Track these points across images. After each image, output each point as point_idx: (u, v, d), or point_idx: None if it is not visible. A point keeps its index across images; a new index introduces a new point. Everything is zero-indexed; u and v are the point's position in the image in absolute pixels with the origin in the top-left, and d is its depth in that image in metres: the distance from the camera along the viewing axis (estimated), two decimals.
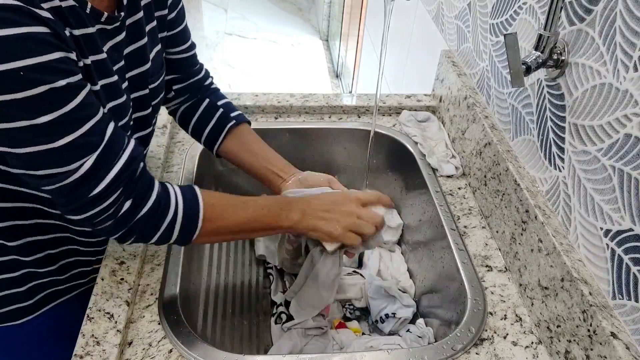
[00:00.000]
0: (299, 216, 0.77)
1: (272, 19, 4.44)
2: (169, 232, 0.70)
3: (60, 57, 0.55)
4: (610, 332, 0.63)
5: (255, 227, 0.76)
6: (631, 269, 0.64)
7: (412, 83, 1.64)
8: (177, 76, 0.91)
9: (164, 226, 0.69)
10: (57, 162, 0.59)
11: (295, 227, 0.78)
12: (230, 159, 0.94)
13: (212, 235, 0.74)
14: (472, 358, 0.75)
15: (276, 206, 0.77)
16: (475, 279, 0.86)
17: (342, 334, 0.97)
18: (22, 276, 0.80)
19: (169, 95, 0.93)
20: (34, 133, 0.56)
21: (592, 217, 0.72)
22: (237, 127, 0.93)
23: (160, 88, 0.84)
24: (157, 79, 0.82)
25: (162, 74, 0.83)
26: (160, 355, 0.73)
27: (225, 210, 0.74)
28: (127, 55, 0.73)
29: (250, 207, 0.76)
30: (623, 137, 0.65)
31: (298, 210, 0.77)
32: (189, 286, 0.88)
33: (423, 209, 1.07)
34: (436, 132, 1.19)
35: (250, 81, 3.50)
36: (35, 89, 0.54)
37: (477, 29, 1.08)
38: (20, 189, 0.72)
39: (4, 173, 0.69)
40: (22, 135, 0.56)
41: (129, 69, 0.74)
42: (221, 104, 0.94)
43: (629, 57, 0.64)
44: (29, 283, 0.81)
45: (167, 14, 0.82)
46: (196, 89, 0.94)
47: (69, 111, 0.57)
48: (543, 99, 0.83)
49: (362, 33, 2.78)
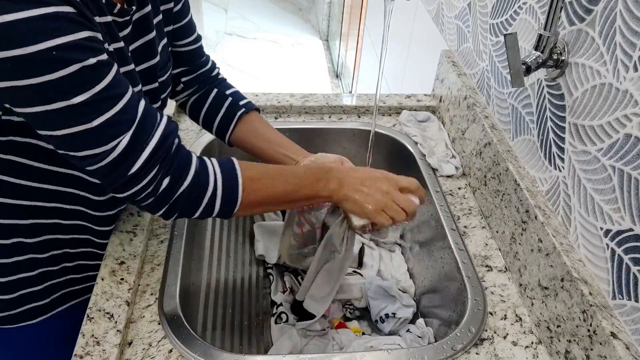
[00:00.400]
0: (337, 185, 0.76)
1: (272, 19, 4.44)
2: (210, 206, 0.70)
3: (88, 35, 0.56)
4: (610, 332, 0.63)
5: (294, 197, 0.76)
6: (631, 269, 0.64)
7: (412, 83, 1.64)
8: (185, 68, 0.92)
9: (205, 201, 0.69)
10: (95, 142, 0.60)
11: (332, 196, 0.77)
12: (242, 146, 0.94)
13: (253, 207, 0.75)
14: (472, 358, 0.75)
15: (313, 176, 0.77)
16: (475, 279, 0.86)
17: (342, 334, 0.97)
18: (38, 275, 0.81)
19: (177, 88, 0.94)
20: (71, 114, 0.57)
21: (592, 217, 0.71)
22: (247, 114, 0.93)
23: (168, 81, 0.85)
24: (166, 72, 0.83)
25: (169, 67, 0.84)
26: (160, 355, 0.73)
27: (264, 182, 0.74)
28: (134, 50, 0.73)
29: (288, 178, 0.76)
30: (623, 137, 0.65)
31: (336, 179, 0.77)
32: (189, 286, 0.88)
33: (423, 209, 1.07)
34: (436, 132, 1.19)
35: (250, 81, 3.50)
36: (67, 68, 0.54)
37: (477, 29, 1.08)
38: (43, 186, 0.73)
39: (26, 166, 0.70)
40: (59, 117, 0.57)
41: (137, 63, 0.75)
42: (229, 93, 0.95)
43: (629, 57, 0.64)
44: (45, 282, 0.82)
45: (172, 7, 0.82)
46: (204, 80, 0.95)
47: (102, 89, 0.58)
48: (543, 99, 0.83)
49: (362, 33, 2.78)
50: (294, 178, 0.76)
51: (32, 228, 0.76)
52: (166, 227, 0.92)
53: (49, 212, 0.76)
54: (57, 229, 0.79)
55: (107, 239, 0.86)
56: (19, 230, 0.75)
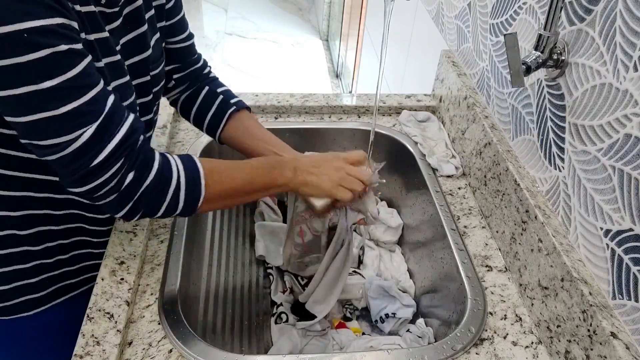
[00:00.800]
0: (292, 173, 0.79)
1: (272, 19, 4.44)
2: (174, 201, 0.70)
3: (62, 22, 0.56)
4: (610, 332, 0.63)
5: (253, 188, 0.78)
6: (631, 269, 0.64)
7: (412, 83, 1.64)
8: (177, 65, 0.92)
9: (169, 195, 0.70)
10: (60, 130, 0.60)
11: (289, 183, 0.79)
12: (232, 144, 0.95)
13: (216, 201, 0.75)
14: (472, 358, 0.75)
15: (268, 165, 0.79)
16: (475, 279, 0.86)
17: (342, 334, 0.97)
18: (33, 268, 0.81)
19: (169, 85, 0.94)
20: (38, 99, 0.57)
21: (592, 217, 0.71)
22: (237, 112, 0.94)
23: (161, 75, 0.85)
24: (158, 66, 0.83)
25: (162, 61, 0.85)
26: (160, 355, 0.73)
27: (223, 174, 0.75)
28: (125, 44, 0.74)
29: (246, 169, 0.77)
30: (623, 137, 0.65)
31: (290, 167, 0.79)
32: (189, 286, 0.88)
33: (423, 209, 1.07)
34: (436, 132, 1.19)
35: (250, 81, 3.50)
36: (38, 52, 0.54)
37: (477, 29, 1.08)
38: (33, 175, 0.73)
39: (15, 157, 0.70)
40: (26, 101, 0.57)
41: (128, 56, 0.75)
42: (221, 91, 0.96)
43: (629, 57, 0.64)
44: (40, 275, 0.83)
45: (164, 3, 0.83)
46: (195, 78, 0.95)
47: (72, 77, 0.58)
48: (543, 99, 0.83)
49: (362, 33, 2.78)
50: (250, 169, 0.78)
51: (24, 220, 0.77)
52: (166, 227, 0.92)
53: (40, 203, 0.76)
54: (49, 220, 0.79)
55: (101, 226, 0.86)
56: (10, 222, 0.76)
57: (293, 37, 4.17)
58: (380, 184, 0.86)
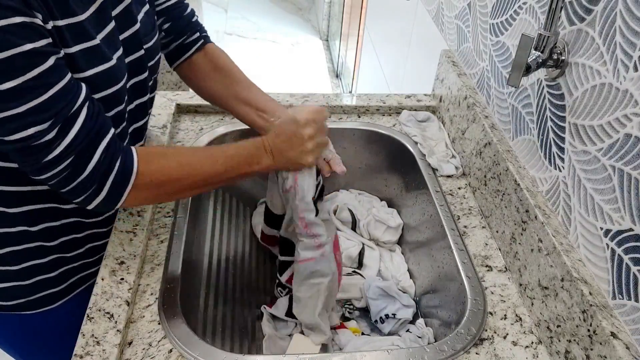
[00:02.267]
0: (270, 161, 0.80)
1: (272, 19, 4.44)
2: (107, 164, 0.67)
3: (21, 21, 0.55)
4: (610, 332, 0.63)
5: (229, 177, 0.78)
6: (631, 269, 0.64)
7: (412, 83, 1.64)
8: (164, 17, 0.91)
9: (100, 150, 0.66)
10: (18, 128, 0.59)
11: (270, 167, 0.81)
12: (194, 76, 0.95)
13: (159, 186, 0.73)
14: (472, 358, 0.75)
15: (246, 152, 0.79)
16: (475, 278, 0.86)
17: (341, 334, 0.97)
18: (51, 262, 0.83)
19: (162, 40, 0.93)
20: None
21: (592, 217, 0.71)
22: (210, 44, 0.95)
23: (155, 48, 0.84)
24: (151, 38, 0.82)
25: (155, 34, 0.83)
26: (160, 355, 0.72)
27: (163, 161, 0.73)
28: (116, 17, 0.72)
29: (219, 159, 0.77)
30: (623, 137, 0.65)
31: (267, 154, 0.80)
32: (189, 286, 0.88)
33: (423, 209, 1.07)
34: (436, 132, 1.19)
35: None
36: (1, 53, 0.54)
37: (477, 28, 1.08)
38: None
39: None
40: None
41: (120, 31, 0.73)
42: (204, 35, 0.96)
43: (629, 57, 0.64)
44: (59, 268, 0.84)
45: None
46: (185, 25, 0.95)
47: (34, 77, 0.57)
48: (543, 99, 0.83)
49: (362, 33, 2.78)
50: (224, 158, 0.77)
51: (31, 215, 0.77)
52: (166, 227, 0.92)
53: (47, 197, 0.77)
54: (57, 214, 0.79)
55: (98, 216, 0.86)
56: (20, 219, 0.77)
57: (293, 37, 4.17)
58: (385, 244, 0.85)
